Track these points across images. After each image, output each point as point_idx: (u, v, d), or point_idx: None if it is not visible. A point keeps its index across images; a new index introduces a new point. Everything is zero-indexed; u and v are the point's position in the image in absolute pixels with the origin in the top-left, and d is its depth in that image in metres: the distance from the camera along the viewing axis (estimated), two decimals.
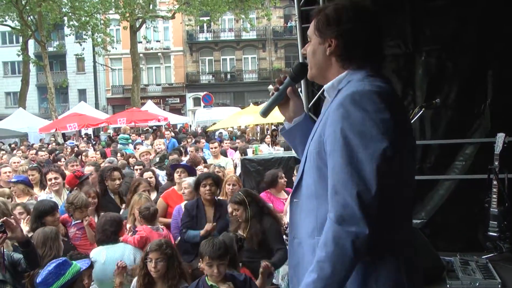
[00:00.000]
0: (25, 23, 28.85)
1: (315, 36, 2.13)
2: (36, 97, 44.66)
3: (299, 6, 5.77)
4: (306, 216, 2.07)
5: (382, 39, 2.12)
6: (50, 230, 4.53)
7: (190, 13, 30.55)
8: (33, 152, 13.76)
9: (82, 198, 5.57)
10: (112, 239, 4.76)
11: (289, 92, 2.36)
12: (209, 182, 5.66)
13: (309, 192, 2.05)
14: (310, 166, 2.04)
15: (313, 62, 2.15)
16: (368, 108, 1.83)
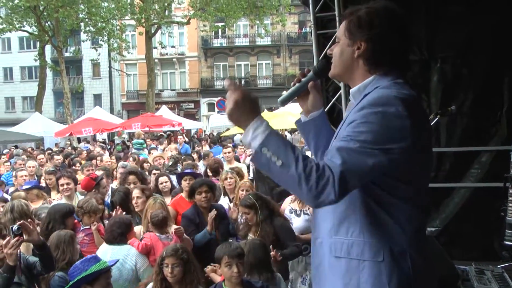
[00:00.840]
0: (43, 29, 29.20)
1: (345, 37, 2.13)
2: (52, 101, 45.13)
3: (314, 13, 5.77)
4: (324, 216, 2.11)
5: (410, 46, 2.15)
6: (65, 234, 4.54)
7: (205, 19, 30.68)
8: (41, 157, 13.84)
9: (92, 203, 5.60)
10: (119, 240, 4.77)
11: (311, 87, 2.37)
12: (205, 189, 5.67)
13: None
14: None
15: (339, 62, 2.16)
16: (389, 112, 1.85)
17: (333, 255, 2.03)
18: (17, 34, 38.96)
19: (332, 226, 2.04)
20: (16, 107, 47.27)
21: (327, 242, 2.08)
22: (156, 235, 4.94)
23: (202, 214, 5.64)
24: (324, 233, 2.12)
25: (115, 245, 4.75)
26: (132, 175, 6.95)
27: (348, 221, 1.97)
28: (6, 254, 3.67)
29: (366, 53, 2.07)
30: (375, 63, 2.07)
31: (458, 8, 5.19)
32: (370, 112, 1.87)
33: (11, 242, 3.68)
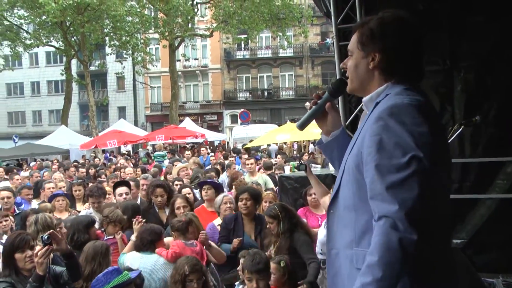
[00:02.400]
0: (69, 44, 29.78)
1: (358, 50, 2.14)
2: (77, 114, 45.80)
3: (337, 24, 5.79)
4: (343, 227, 2.10)
5: (423, 54, 2.14)
6: (101, 245, 4.57)
7: (228, 31, 30.92)
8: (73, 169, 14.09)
9: (117, 213, 5.65)
10: (148, 248, 4.77)
11: (328, 107, 2.40)
12: (245, 196, 5.67)
13: (347, 203, 2.08)
14: (348, 179, 2.08)
15: (355, 76, 2.17)
16: (406, 121, 1.85)
17: (355, 266, 2.01)
18: (44, 49, 39.83)
19: (353, 237, 2.03)
20: (43, 121, 48.12)
21: (346, 253, 2.07)
22: (182, 242, 4.91)
23: (242, 220, 5.67)
24: (341, 244, 2.11)
25: (144, 252, 4.76)
26: (159, 188, 7.01)
27: (371, 233, 1.92)
28: (37, 263, 3.74)
29: (381, 64, 2.09)
30: (391, 72, 2.09)
31: (481, 18, 5.16)
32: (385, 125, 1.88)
33: (41, 251, 3.76)
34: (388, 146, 1.84)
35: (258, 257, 4.04)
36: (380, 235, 1.78)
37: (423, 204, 1.76)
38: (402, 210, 1.74)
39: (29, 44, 30.05)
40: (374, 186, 1.86)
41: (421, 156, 1.79)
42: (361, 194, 1.98)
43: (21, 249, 4.03)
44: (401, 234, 1.73)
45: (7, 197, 7.73)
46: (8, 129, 47.41)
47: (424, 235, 1.74)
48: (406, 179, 1.78)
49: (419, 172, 1.78)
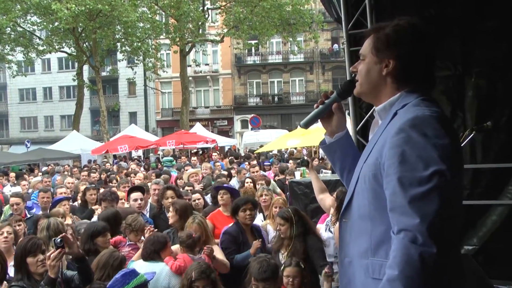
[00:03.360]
0: (81, 50, 30.02)
1: (371, 55, 2.13)
2: (89, 120, 46.16)
3: (347, 30, 5.79)
4: (358, 236, 2.09)
5: (435, 62, 2.14)
6: (116, 258, 4.48)
7: (239, 36, 31.01)
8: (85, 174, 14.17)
9: (140, 222, 5.65)
10: (152, 257, 4.76)
11: (335, 108, 2.38)
12: (249, 206, 5.63)
13: (362, 212, 2.07)
14: (364, 188, 2.06)
15: (365, 81, 2.16)
16: (429, 133, 1.84)
17: (370, 276, 2.00)
18: (56, 55, 40.18)
19: (369, 247, 2.02)
20: (55, 126, 48.54)
21: (360, 262, 2.06)
22: (189, 256, 4.89)
23: (245, 232, 5.61)
24: (355, 253, 2.10)
25: (150, 261, 4.77)
26: (169, 190, 7.05)
27: (389, 243, 1.91)
28: (49, 266, 3.77)
29: (395, 72, 2.08)
30: (404, 81, 2.08)
31: (494, 23, 5.14)
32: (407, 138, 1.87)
33: (54, 254, 3.79)
34: (411, 158, 1.83)
35: (266, 264, 4.01)
36: (400, 249, 1.78)
37: (443, 217, 1.77)
38: (423, 224, 1.74)
39: (42, 50, 30.34)
40: (395, 198, 1.85)
41: (443, 169, 1.79)
42: (378, 203, 1.98)
43: (33, 253, 4.07)
44: (422, 248, 1.73)
45: (16, 203, 7.81)
46: (21, 134, 47.89)
47: (444, 248, 1.75)
48: (428, 193, 1.78)
49: (441, 185, 1.78)
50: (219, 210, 6.82)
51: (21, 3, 27.18)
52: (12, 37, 29.60)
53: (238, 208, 5.65)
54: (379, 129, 2.13)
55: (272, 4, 28.13)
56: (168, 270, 4.69)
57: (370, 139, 2.22)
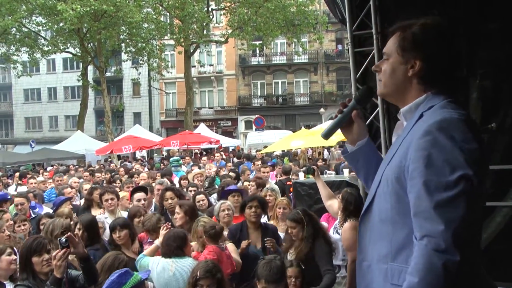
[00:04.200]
0: (86, 50, 30.09)
1: (397, 55, 2.07)
2: (93, 120, 46.29)
3: (352, 31, 5.79)
4: (378, 240, 2.05)
5: (462, 63, 2.09)
6: (121, 261, 4.50)
7: (243, 37, 31.06)
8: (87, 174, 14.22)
9: (152, 222, 5.71)
10: (176, 254, 4.73)
11: (355, 116, 2.32)
12: (255, 204, 5.65)
13: (383, 216, 2.02)
14: (386, 191, 2.01)
15: (390, 81, 2.11)
16: (456, 137, 1.80)
17: (389, 281, 1.96)
18: (61, 56, 40.26)
19: (389, 251, 1.97)
20: (59, 126, 48.68)
21: (380, 267, 2.01)
22: (216, 246, 4.92)
23: (247, 229, 5.64)
24: (374, 257, 2.06)
25: (174, 258, 4.71)
26: (169, 191, 7.07)
27: (409, 248, 1.85)
28: (55, 266, 3.79)
29: (421, 73, 2.02)
30: (430, 82, 2.03)
31: (498, 25, 5.13)
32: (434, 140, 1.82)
33: (59, 254, 3.81)
34: (437, 162, 1.79)
35: (274, 265, 4.01)
36: (421, 256, 1.75)
37: (467, 224, 1.73)
38: (448, 231, 1.71)
39: (47, 50, 30.43)
40: (420, 203, 1.80)
41: (470, 174, 1.75)
42: (400, 207, 1.93)
43: (38, 253, 4.09)
44: (445, 256, 1.70)
45: (20, 203, 7.86)
46: (25, 134, 48.06)
47: (467, 255, 1.72)
48: (454, 198, 1.74)
49: (467, 191, 1.74)
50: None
51: (26, 4, 27.27)
52: (18, 37, 29.69)
53: (245, 205, 5.71)
54: (403, 131, 2.08)
55: (276, 5, 28.15)
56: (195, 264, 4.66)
57: (394, 142, 2.18)
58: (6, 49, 30.31)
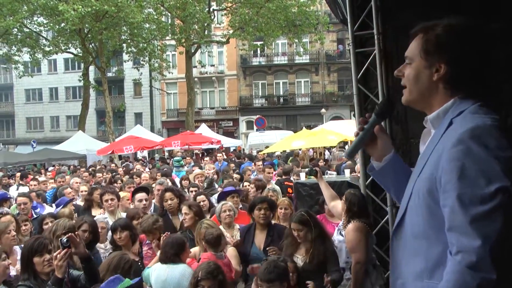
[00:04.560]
0: (87, 50, 30.11)
1: (420, 59, 1.97)
2: (94, 120, 46.30)
3: (353, 31, 5.79)
4: (412, 256, 1.94)
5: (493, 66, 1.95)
6: (126, 261, 4.52)
7: (244, 38, 31.05)
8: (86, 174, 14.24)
9: (148, 223, 5.74)
10: (172, 260, 4.75)
11: (377, 131, 2.22)
12: (265, 206, 5.63)
13: (416, 231, 1.92)
14: (418, 204, 1.91)
15: (415, 87, 2.00)
16: (491, 145, 1.69)
17: None
18: (62, 56, 40.32)
19: (425, 268, 1.87)
20: (61, 126, 48.71)
21: (416, 285, 1.90)
22: (212, 254, 4.92)
23: (254, 230, 5.63)
24: (408, 275, 1.95)
25: (169, 264, 4.75)
26: (168, 192, 7.07)
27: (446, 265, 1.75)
28: (56, 266, 3.80)
29: (446, 77, 1.91)
30: (457, 86, 1.92)
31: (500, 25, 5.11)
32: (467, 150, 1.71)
33: (60, 254, 3.81)
34: (471, 173, 1.67)
35: (272, 265, 3.99)
36: (455, 273, 1.67)
37: (505, 238, 1.63)
38: (485, 246, 1.61)
39: (48, 51, 30.45)
40: (455, 217, 1.70)
41: (507, 186, 1.63)
42: (434, 221, 1.83)
43: (39, 253, 4.10)
44: (480, 274, 1.61)
45: (23, 203, 7.88)
46: (27, 134, 48.10)
47: (504, 273, 1.62)
48: (490, 212, 1.63)
49: (505, 204, 1.63)
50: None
51: (28, 4, 27.28)
52: (19, 38, 29.71)
53: (255, 206, 5.68)
54: (432, 140, 1.96)
55: (277, 6, 28.15)
56: (190, 271, 4.67)
57: (423, 151, 2.05)
58: (8, 50, 30.34)
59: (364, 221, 5.04)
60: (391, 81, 5.69)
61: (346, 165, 11.52)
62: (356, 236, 4.89)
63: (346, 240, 5.05)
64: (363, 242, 4.88)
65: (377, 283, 5.04)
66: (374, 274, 5.02)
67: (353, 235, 4.92)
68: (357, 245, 4.89)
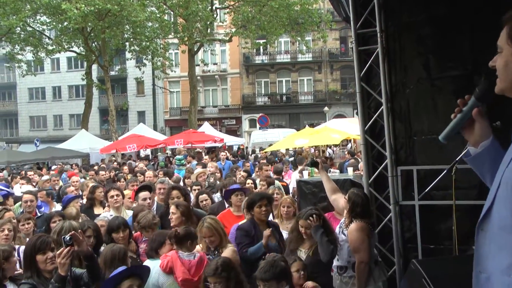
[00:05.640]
0: (90, 49, 30.16)
1: (508, 46, 1.91)
2: (97, 119, 46.36)
3: (356, 29, 5.78)
4: (498, 250, 1.85)
5: None
6: (119, 250, 4.64)
7: (247, 36, 31.07)
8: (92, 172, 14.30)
9: (147, 219, 5.77)
10: (150, 255, 4.97)
11: (475, 114, 2.11)
12: (265, 202, 5.64)
13: (503, 223, 1.83)
14: (506, 196, 1.83)
15: (504, 75, 1.93)
16: None
17: None
18: (65, 55, 40.49)
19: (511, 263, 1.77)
20: (64, 125, 48.80)
21: (502, 279, 1.80)
22: (177, 253, 4.83)
23: (259, 226, 5.61)
24: (494, 268, 1.85)
25: (150, 259, 4.91)
26: (175, 190, 7.07)
27: None
28: (59, 264, 3.80)
29: None
30: None
31: None
32: None
33: (64, 252, 3.82)
34: None
35: (269, 265, 4.00)
36: None
37: None
38: None
39: (51, 49, 30.50)
40: None
41: None
42: None
43: (42, 251, 4.11)
44: None
45: (30, 200, 7.90)
46: (30, 133, 48.23)
47: None
48: None
49: None
50: (229, 210, 6.83)
51: (31, 3, 27.34)
52: (22, 36, 29.76)
53: (254, 204, 5.66)
54: None
55: (280, 4, 28.14)
56: (158, 268, 4.75)
57: None
58: (11, 48, 30.38)
59: (367, 220, 5.04)
60: (394, 79, 5.68)
61: (349, 163, 11.50)
62: (359, 236, 4.90)
63: (349, 240, 5.04)
64: (366, 242, 4.89)
65: (380, 279, 5.06)
66: (376, 271, 5.05)
67: (356, 235, 4.92)
68: (360, 245, 4.90)
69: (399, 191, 5.64)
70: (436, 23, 5.42)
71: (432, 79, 5.48)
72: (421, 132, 5.55)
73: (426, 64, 5.52)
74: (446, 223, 5.08)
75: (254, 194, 6.17)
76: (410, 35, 5.59)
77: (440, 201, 5.30)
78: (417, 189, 5.50)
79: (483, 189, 5.18)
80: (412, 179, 5.54)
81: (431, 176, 5.36)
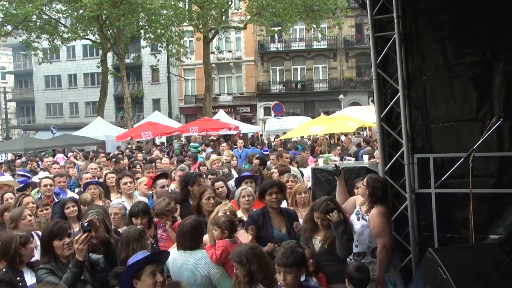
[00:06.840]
0: (105, 37, 30.23)
1: None
2: (113, 106, 46.66)
3: (372, 15, 5.71)
4: None
5: None
6: (134, 230, 4.70)
7: (262, 23, 30.89)
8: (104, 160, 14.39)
9: (160, 205, 5.87)
10: (188, 247, 4.71)
11: None
12: (275, 190, 5.60)
13: None
14: None
15: None
16: None
17: None
18: (81, 43, 40.63)
19: None
20: (80, 112, 49.25)
21: None
22: (227, 241, 4.81)
23: (269, 214, 5.59)
24: None
25: (186, 250, 4.71)
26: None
27: None
28: (77, 249, 3.86)
29: None
30: None
31: None
32: None
33: (81, 238, 3.87)
34: None
35: (290, 251, 3.98)
36: None
37: None
38: None
39: (67, 37, 30.60)
40: None
41: None
42: None
43: (59, 237, 4.17)
44: None
45: (49, 184, 7.99)
46: (47, 120, 48.72)
47: None
48: None
49: None
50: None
51: None
52: (38, 24, 29.88)
53: (265, 192, 5.63)
54: None
55: None
56: (206, 257, 4.65)
57: None
58: (27, 36, 30.54)
59: (386, 205, 5.04)
60: (411, 66, 5.62)
61: (365, 151, 11.45)
62: (382, 221, 4.90)
63: (371, 225, 5.03)
64: (388, 227, 4.90)
65: (398, 266, 5.07)
66: (394, 256, 5.05)
67: (379, 220, 4.92)
68: (383, 230, 4.91)
69: (415, 179, 5.59)
70: (454, 8, 5.35)
71: (450, 65, 5.41)
72: (438, 119, 5.50)
73: (444, 51, 5.45)
74: (463, 212, 5.04)
75: (265, 182, 6.14)
76: (428, 21, 5.51)
77: (457, 189, 5.25)
78: (433, 177, 5.46)
79: (500, 178, 5.16)
80: (428, 167, 5.50)
81: (448, 163, 5.32)
